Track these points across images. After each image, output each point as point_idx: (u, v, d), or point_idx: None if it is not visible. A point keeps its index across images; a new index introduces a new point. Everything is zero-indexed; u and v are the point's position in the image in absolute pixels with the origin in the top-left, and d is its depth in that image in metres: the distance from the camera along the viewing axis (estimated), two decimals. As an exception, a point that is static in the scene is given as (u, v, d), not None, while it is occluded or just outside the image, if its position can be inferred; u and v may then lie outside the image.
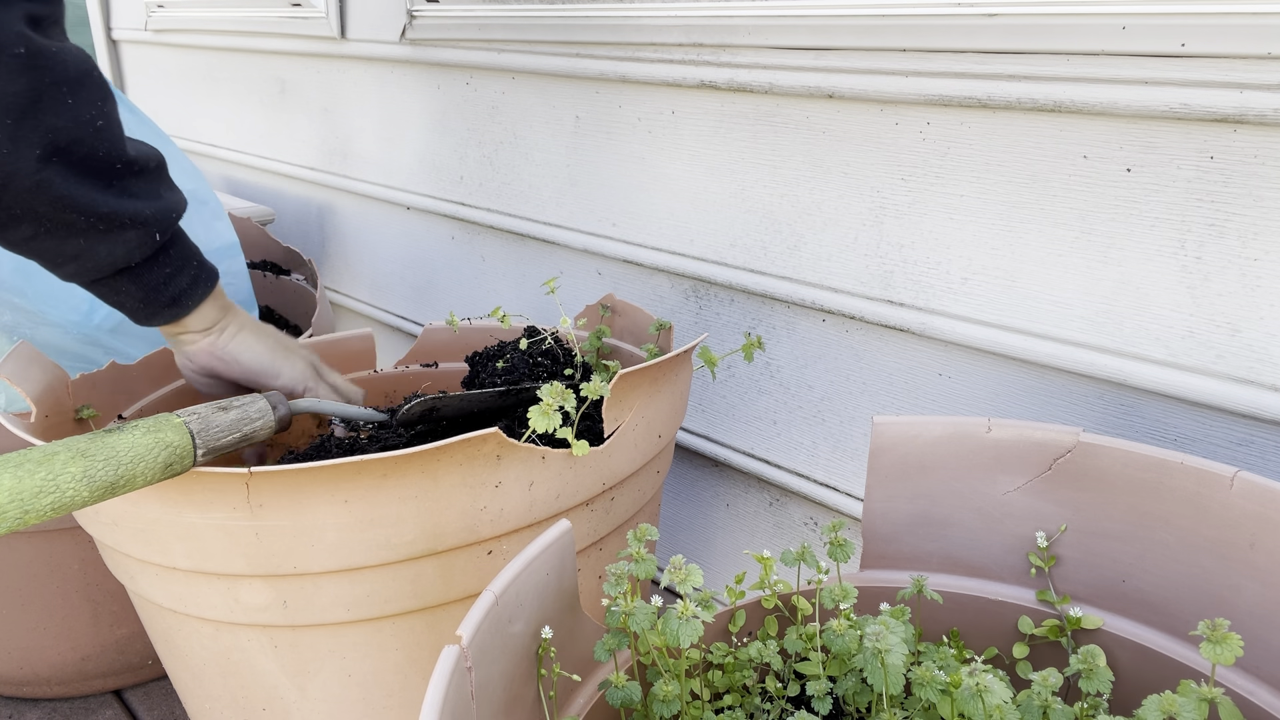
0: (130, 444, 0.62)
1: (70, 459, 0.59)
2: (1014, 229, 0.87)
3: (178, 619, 0.78)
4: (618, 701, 0.60)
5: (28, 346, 0.86)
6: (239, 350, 0.85)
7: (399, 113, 1.54)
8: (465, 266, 1.53)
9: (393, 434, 0.89)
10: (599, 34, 1.15)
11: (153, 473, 0.63)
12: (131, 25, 2.20)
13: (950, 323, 0.93)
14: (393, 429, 0.89)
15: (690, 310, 1.19)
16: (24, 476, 0.56)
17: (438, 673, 0.46)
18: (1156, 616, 0.68)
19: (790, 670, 0.71)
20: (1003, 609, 0.74)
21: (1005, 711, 0.53)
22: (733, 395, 1.18)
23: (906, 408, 1.01)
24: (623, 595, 0.59)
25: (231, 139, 2.04)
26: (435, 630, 0.77)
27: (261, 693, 0.79)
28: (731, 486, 1.24)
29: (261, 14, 1.75)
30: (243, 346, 0.85)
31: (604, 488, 0.81)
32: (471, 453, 0.69)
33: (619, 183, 1.21)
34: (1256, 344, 0.76)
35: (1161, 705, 0.51)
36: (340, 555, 0.69)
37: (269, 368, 0.86)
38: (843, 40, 0.92)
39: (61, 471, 0.58)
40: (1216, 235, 0.75)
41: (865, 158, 0.96)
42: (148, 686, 1.24)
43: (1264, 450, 0.77)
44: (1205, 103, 0.72)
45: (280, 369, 0.87)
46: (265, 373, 0.86)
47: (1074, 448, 0.69)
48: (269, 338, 0.88)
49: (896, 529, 0.76)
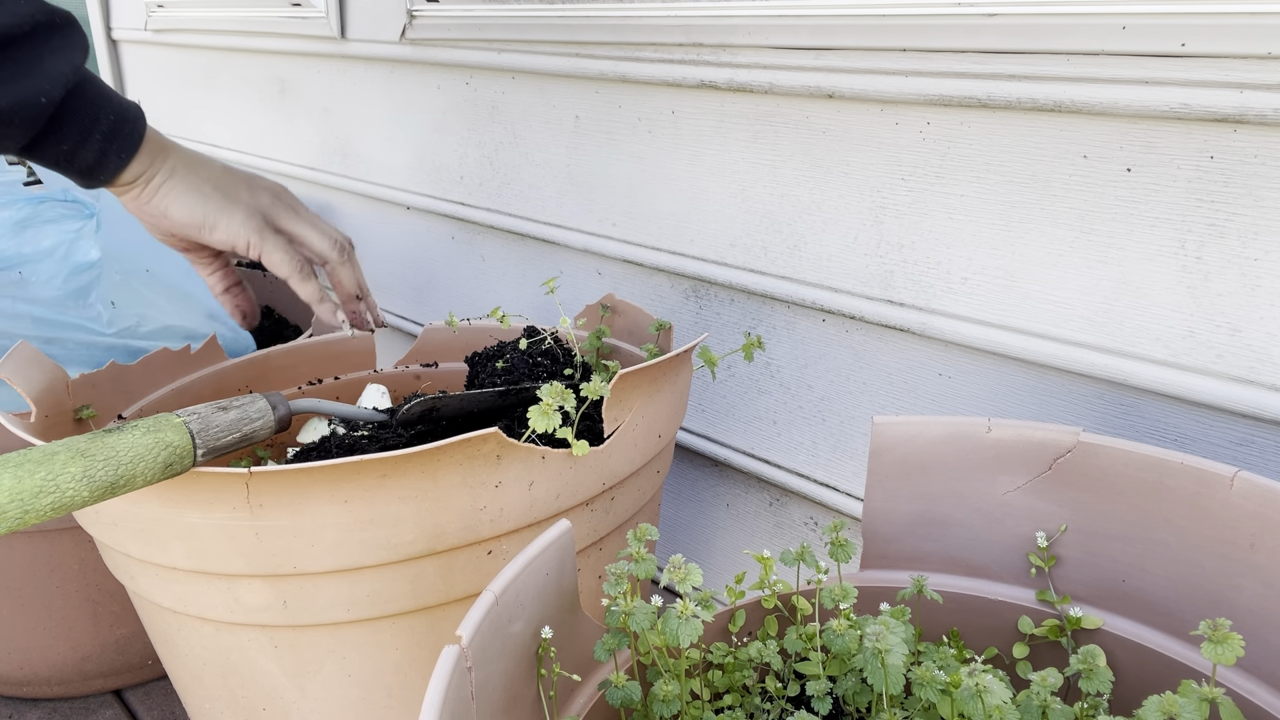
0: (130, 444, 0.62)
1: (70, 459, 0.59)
2: (1014, 229, 0.87)
3: (178, 619, 0.78)
4: (618, 701, 0.60)
5: (28, 346, 0.86)
6: (166, 204, 0.76)
7: (399, 113, 1.54)
8: (465, 266, 1.53)
9: (392, 434, 0.89)
10: (599, 34, 1.15)
11: (152, 473, 0.63)
12: (131, 25, 2.20)
13: (950, 323, 0.93)
14: (392, 429, 0.89)
15: (690, 310, 1.19)
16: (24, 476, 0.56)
17: (438, 673, 0.46)
18: (1157, 616, 0.68)
19: (790, 670, 0.71)
20: (1003, 609, 0.74)
21: (1005, 711, 0.53)
22: (733, 395, 1.18)
23: (906, 408, 1.01)
24: (623, 595, 0.59)
25: (231, 139, 2.04)
26: (435, 630, 0.77)
27: (261, 693, 0.79)
28: (731, 486, 1.24)
29: (261, 14, 1.75)
30: (171, 199, 0.76)
31: (604, 488, 0.81)
32: (471, 453, 0.69)
33: (619, 183, 1.21)
34: (1257, 344, 0.76)
35: (1162, 705, 0.51)
36: (340, 555, 0.69)
37: (202, 219, 0.76)
38: (843, 40, 0.92)
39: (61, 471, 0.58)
40: (1217, 235, 0.75)
41: (865, 158, 0.96)
42: (148, 686, 1.24)
43: (1264, 450, 0.77)
44: (1205, 103, 0.72)
45: (216, 220, 0.76)
46: (197, 225, 0.77)
47: (1074, 448, 0.69)
48: (206, 183, 0.77)
49: (896, 529, 0.76)
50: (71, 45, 0.70)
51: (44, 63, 0.67)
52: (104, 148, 0.71)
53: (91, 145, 0.71)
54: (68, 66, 0.68)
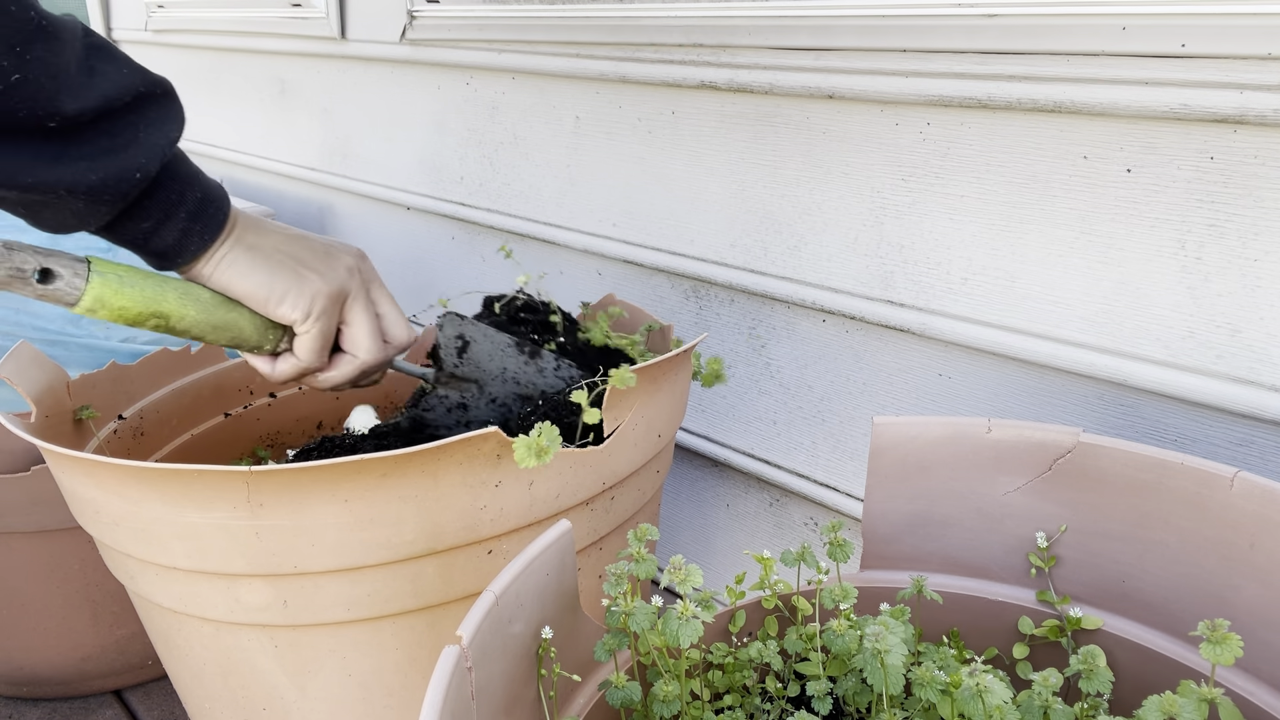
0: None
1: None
2: (1014, 229, 0.87)
3: (178, 619, 0.78)
4: (618, 702, 0.60)
5: (27, 346, 0.86)
6: (229, 279, 0.70)
7: (399, 113, 1.54)
8: (465, 267, 1.53)
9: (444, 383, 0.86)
10: (599, 34, 1.15)
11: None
12: (132, 25, 2.20)
13: (950, 323, 0.93)
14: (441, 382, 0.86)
15: (690, 310, 1.19)
16: None
17: (438, 673, 0.46)
18: (1156, 617, 0.68)
19: (790, 670, 0.71)
20: (1003, 609, 0.74)
21: (1005, 712, 0.53)
22: (733, 395, 1.18)
23: (906, 408, 1.01)
24: (623, 595, 0.59)
25: (232, 139, 2.04)
26: (435, 630, 0.77)
27: (261, 692, 0.79)
28: (732, 486, 1.24)
29: (262, 14, 1.75)
30: (234, 274, 0.70)
31: (604, 487, 0.81)
32: (471, 452, 0.69)
33: (619, 183, 1.21)
34: (1256, 344, 0.76)
35: (1161, 705, 0.51)
36: (340, 555, 0.69)
37: (266, 293, 0.70)
38: (843, 41, 0.92)
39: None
40: (1217, 236, 0.75)
41: (865, 158, 0.96)
42: (148, 686, 1.24)
43: (1264, 450, 0.77)
44: (1205, 103, 0.72)
45: (283, 293, 0.70)
46: (260, 300, 0.71)
47: (1074, 448, 0.69)
48: (273, 256, 0.71)
49: (896, 529, 0.76)
50: (169, 119, 0.65)
51: (140, 136, 0.62)
52: (186, 228, 0.67)
53: (174, 226, 0.66)
54: (164, 140, 0.64)
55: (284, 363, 0.76)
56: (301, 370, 0.76)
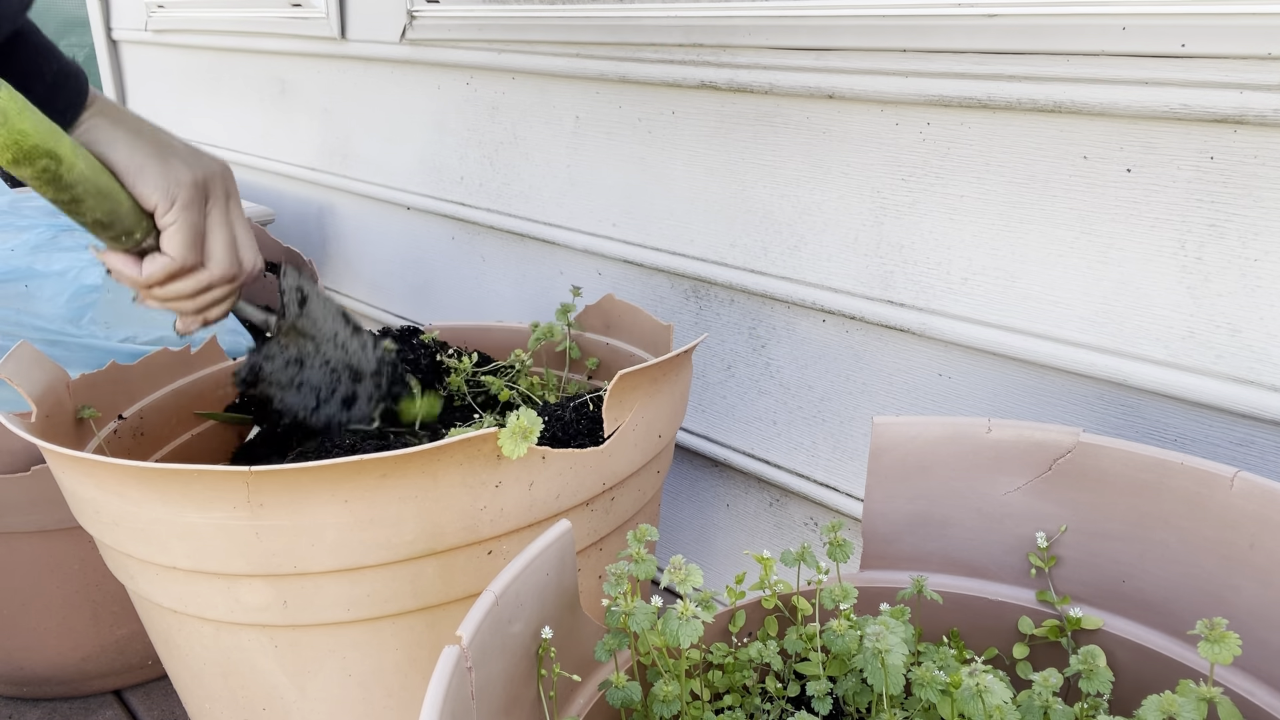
0: None
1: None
2: (1014, 229, 0.87)
3: (178, 619, 0.78)
4: (618, 702, 0.60)
5: (28, 347, 0.86)
6: (93, 150, 0.68)
7: (399, 113, 1.54)
8: (465, 266, 1.53)
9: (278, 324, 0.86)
10: (599, 34, 1.15)
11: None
12: (132, 25, 2.20)
13: (950, 323, 0.93)
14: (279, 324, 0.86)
15: (690, 310, 1.19)
16: None
17: (438, 673, 0.46)
18: (1156, 616, 0.68)
19: (790, 670, 0.71)
20: (1003, 609, 0.74)
21: (1005, 712, 0.53)
22: (733, 395, 1.18)
23: (906, 408, 1.01)
24: (623, 595, 0.59)
25: (232, 139, 2.04)
26: (435, 630, 0.77)
27: (261, 692, 0.79)
28: (731, 487, 1.24)
29: (262, 14, 1.75)
30: (99, 141, 0.68)
31: (604, 488, 0.81)
32: (471, 452, 0.69)
33: (619, 183, 1.21)
34: (1256, 344, 0.76)
35: (1161, 705, 0.51)
36: (340, 555, 0.69)
37: (127, 163, 0.68)
38: (843, 40, 0.92)
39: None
40: (1216, 236, 0.75)
41: (865, 158, 0.96)
42: (148, 686, 1.24)
43: (1264, 450, 0.77)
44: (1205, 103, 0.72)
45: (144, 168, 0.68)
46: (123, 170, 0.68)
47: (1074, 448, 0.69)
48: (139, 134, 0.70)
49: (896, 529, 0.76)
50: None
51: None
52: (46, 98, 0.65)
53: (31, 97, 0.63)
54: (13, 7, 0.64)
55: (152, 263, 0.72)
56: (171, 270, 0.72)
